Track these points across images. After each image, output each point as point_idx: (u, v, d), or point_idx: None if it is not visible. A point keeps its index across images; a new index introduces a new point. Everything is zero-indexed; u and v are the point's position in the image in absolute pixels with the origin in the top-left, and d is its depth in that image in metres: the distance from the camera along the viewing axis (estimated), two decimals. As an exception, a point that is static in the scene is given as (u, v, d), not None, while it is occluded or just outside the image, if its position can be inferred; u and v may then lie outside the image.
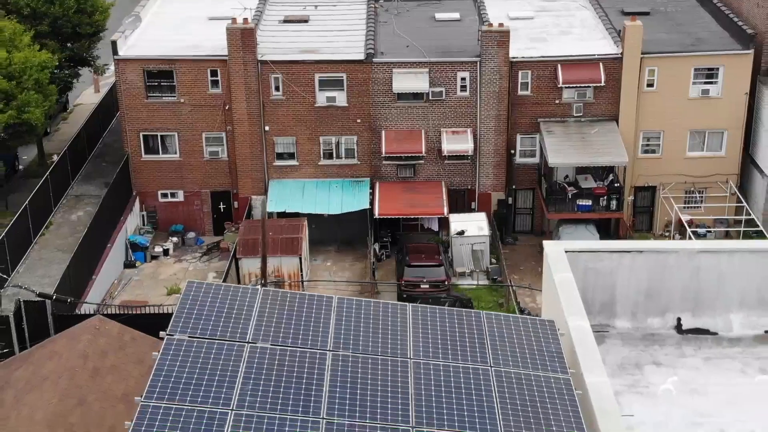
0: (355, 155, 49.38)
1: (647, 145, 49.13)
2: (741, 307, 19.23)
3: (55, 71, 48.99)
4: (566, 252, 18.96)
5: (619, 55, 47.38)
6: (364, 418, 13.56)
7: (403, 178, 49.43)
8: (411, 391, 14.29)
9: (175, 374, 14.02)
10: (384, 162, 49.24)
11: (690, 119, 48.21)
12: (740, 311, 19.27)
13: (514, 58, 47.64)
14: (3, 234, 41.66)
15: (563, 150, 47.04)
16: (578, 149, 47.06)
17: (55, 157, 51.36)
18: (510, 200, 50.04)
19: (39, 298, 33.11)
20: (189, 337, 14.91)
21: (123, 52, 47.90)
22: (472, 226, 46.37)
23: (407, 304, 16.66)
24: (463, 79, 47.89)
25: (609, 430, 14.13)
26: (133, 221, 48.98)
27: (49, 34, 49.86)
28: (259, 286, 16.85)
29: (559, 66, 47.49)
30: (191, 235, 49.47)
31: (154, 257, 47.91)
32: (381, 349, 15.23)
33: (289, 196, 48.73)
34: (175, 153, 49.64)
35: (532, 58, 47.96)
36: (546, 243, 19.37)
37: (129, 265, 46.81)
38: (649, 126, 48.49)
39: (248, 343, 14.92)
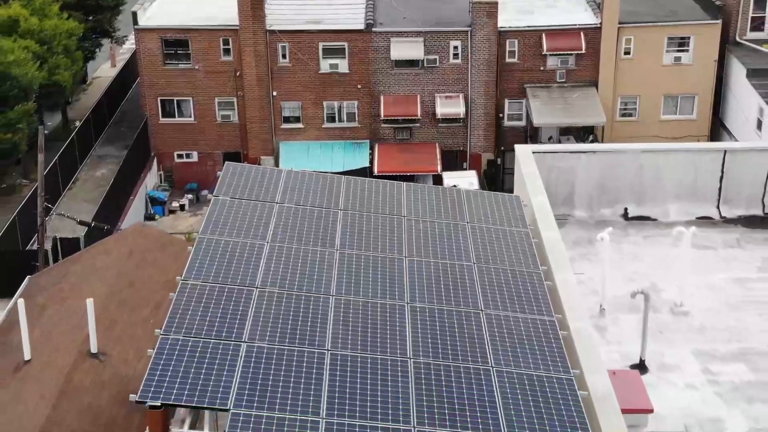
0: (356, 119, 53.57)
1: (624, 109, 53.35)
2: (677, 198, 23.35)
3: (80, 42, 53.10)
4: (533, 153, 23.09)
5: (599, 25, 51.60)
6: (368, 251, 17.71)
7: (400, 139, 53.59)
8: (404, 239, 18.42)
9: (222, 219, 18.15)
10: (382, 125, 53.41)
11: (664, 85, 52.41)
12: (676, 201, 23.39)
13: (502, 27, 51.84)
14: (36, 186, 45.79)
15: (547, 112, 51.24)
16: (561, 111, 51.25)
17: (78, 123, 55.45)
18: (499, 160, 54.21)
19: (80, 225, 37.31)
20: (231, 198, 19.05)
21: (143, 22, 52.04)
22: (463, 182, 50.43)
23: (402, 183, 20.82)
24: (455, 47, 52.09)
25: (563, 276, 18.14)
26: (151, 179, 53.18)
27: (75, 6, 54.05)
28: (283, 171, 20.95)
29: (543, 35, 51.73)
30: (205, 192, 53.56)
31: (172, 211, 52.07)
32: (381, 210, 19.35)
33: (296, 156, 52.88)
34: (190, 116, 53.84)
35: (519, 27, 52.18)
36: (517, 146, 23.54)
37: (149, 217, 50.99)
38: (626, 91, 52.69)
39: (277, 203, 19.05)
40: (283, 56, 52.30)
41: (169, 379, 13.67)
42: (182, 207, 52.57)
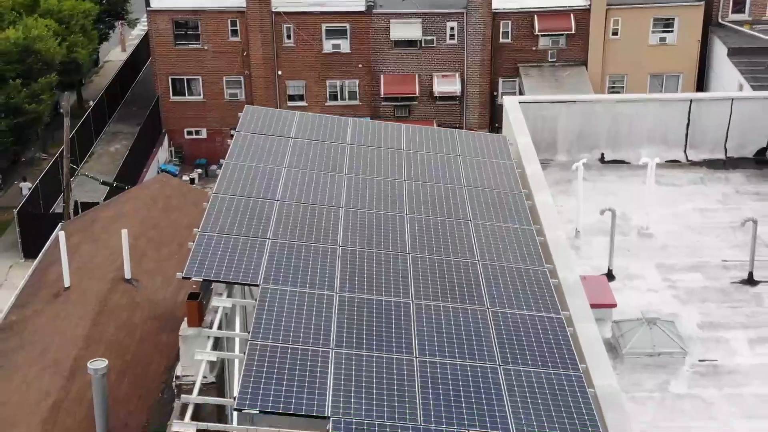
0: (357, 97, 56.30)
1: (613, 87, 56.11)
2: (648, 143, 25.98)
3: (95, 24, 55.89)
4: (520, 103, 25.75)
5: (588, 7, 54.37)
6: (372, 175, 20.39)
7: (399, 117, 56.32)
8: (404, 166, 21.08)
9: (244, 150, 20.82)
10: (382, 103, 56.15)
11: (650, 64, 55.17)
12: (647, 146, 26.02)
13: (496, 9, 54.62)
14: (56, 157, 48.54)
15: (539, 90, 53.95)
16: (552, 90, 53.96)
17: (92, 103, 58.18)
18: (493, 137, 56.91)
19: (102, 185, 40.05)
20: (251, 133, 21.73)
21: (155, 4, 54.77)
22: (459, 156, 53.17)
23: (402, 124, 23.49)
24: (451, 28, 54.88)
25: (542, 198, 20.80)
26: (163, 155, 55.88)
27: (90, -12, 57.01)
28: (296, 113, 23.60)
29: (535, 16, 54.53)
30: (213, 167, 56.20)
31: (182, 184, 54.75)
32: (383, 144, 22.02)
33: (300, 132, 55.58)
34: (199, 95, 56.58)
35: (512, 9, 54.98)
36: (505, 97, 26.23)
37: (161, 189, 53.65)
38: (615, 70, 55.48)
39: (291, 137, 21.73)
40: (288, 37, 55.02)
41: (208, 261, 16.37)
42: (192, 181, 55.20)
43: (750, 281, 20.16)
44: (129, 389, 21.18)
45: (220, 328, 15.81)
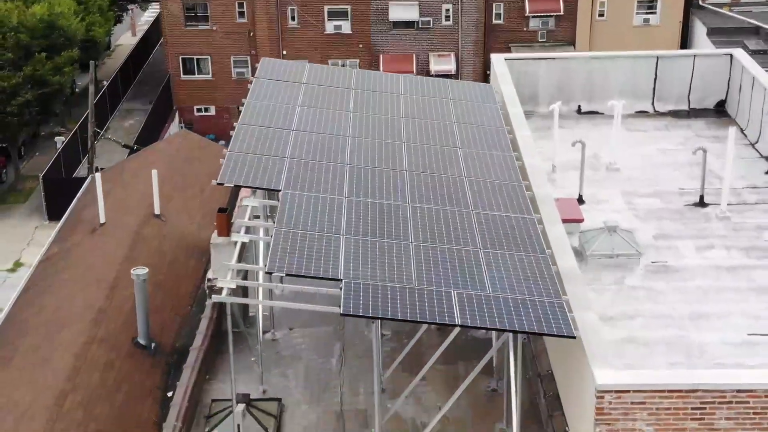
0: (358, 76, 59.42)
1: (600, 66, 59.25)
2: (620, 96, 29.02)
3: (110, 6, 59.21)
4: (505, 59, 28.87)
5: (576, -10, 57.72)
6: (374, 113, 23.52)
7: (398, 94, 59.43)
8: (401, 106, 24.22)
9: (263, 93, 23.95)
10: (382, 81, 59.29)
11: (634, 44, 58.15)
12: (619, 98, 29.09)
13: (489, -8, 57.97)
14: (75, 129, 51.72)
15: (530, 68, 57.12)
16: (542, 68, 57.16)
17: (105, 83, 61.33)
18: (487, 113, 60.11)
19: (124, 148, 43.21)
20: (268, 79, 24.87)
21: (167, -13, 58.08)
22: (454, 130, 56.35)
23: (400, 75, 26.66)
24: (447, 10, 58.07)
25: (521, 133, 23.91)
26: (174, 130, 58.98)
27: (105, -27, 60.33)
28: (306, 64, 26.72)
29: (526, -1, 57.85)
30: (221, 143, 59.24)
31: (193, 158, 57.88)
32: (383, 89, 25.16)
33: (303, 109, 58.77)
34: (208, 73, 59.75)
35: (504, -9, 58.30)
36: (492, 54, 29.34)
37: (172, 162, 56.81)
38: (601, 49, 58.34)
39: (303, 83, 24.86)
40: (292, 18, 58.21)
41: (237, 171, 19.53)
42: (202, 155, 58.34)
43: (701, 203, 23.29)
44: (163, 302, 24.30)
45: (248, 231, 19.00)
